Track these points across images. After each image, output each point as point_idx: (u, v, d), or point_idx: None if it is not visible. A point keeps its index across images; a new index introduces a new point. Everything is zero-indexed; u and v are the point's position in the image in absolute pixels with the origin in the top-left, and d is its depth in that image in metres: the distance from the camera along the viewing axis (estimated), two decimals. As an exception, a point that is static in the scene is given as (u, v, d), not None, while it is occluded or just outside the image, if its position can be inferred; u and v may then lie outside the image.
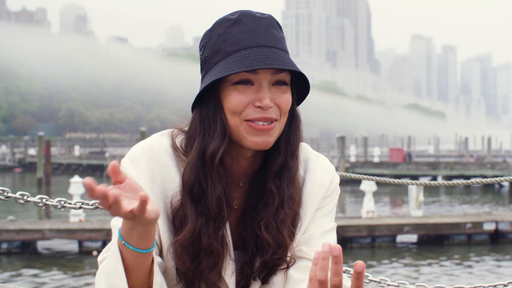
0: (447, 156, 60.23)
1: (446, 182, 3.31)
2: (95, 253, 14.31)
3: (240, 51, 1.41)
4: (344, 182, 35.84)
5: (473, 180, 3.34)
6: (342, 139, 39.01)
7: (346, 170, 37.19)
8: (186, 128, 1.53)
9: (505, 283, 2.87)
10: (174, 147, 1.50)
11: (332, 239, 1.54)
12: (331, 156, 42.49)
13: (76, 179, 16.13)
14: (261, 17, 1.46)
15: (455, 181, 3.58)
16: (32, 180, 38.95)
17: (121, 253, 1.31)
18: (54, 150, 59.93)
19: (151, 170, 1.46)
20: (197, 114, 1.47)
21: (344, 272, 2.67)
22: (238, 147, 1.47)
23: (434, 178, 37.87)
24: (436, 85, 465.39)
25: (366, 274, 2.74)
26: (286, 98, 1.45)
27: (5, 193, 2.43)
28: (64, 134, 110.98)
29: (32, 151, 56.64)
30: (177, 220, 1.46)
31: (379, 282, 2.73)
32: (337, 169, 36.29)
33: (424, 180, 14.49)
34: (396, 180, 3.29)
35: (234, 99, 1.42)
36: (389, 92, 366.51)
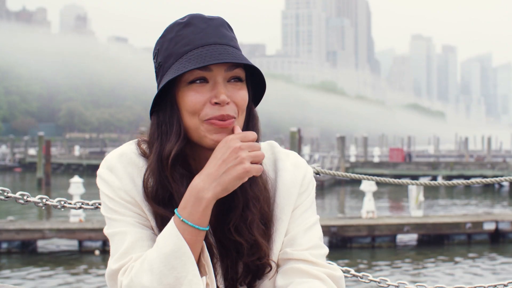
0: (447, 156, 60.25)
1: (446, 182, 3.31)
2: (97, 252, 14.32)
3: (192, 50, 1.42)
4: (344, 182, 35.84)
5: (473, 180, 3.34)
6: (342, 139, 39.00)
7: (346, 170, 37.19)
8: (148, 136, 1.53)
9: (505, 283, 2.87)
10: (143, 153, 1.50)
11: (317, 232, 1.53)
12: (331, 156, 42.47)
13: (76, 179, 16.12)
14: (211, 18, 1.48)
15: (455, 181, 3.57)
16: (32, 180, 38.97)
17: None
18: (54, 150, 59.94)
19: (131, 175, 1.46)
20: (155, 119, 1.48)
21: (344, 272, 2.67)
22: (200, 149, 1.47)
23: (434, 178, 37.88)
24: (436, 85, 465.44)
25: (366, 274, 2.74)
26: (242, 94, 1.45)
27: (5, 193, 2.43)
28: (64, 134, 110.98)
29: (32, 151, 56.67)
30: (158, 221, 1.46)
31: (379, 282, 2.73)
32: (337, 169, 36.44)
33: (424, 180, 14.48)
34: (396, 180, 3.29)
35: (191, 99, 1.42)
36: (389, 92, 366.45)
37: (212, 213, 1.48)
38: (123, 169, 1.46)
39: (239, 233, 1.45)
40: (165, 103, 1.46)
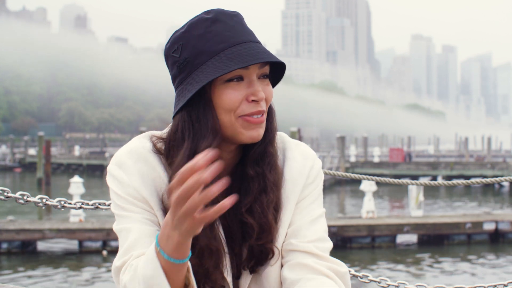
0: (447, 156, 60.27)
1: (446, 182, 3.31)
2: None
3: (229, 48, 1.43)
4: (344, 182, 35.84)
5: (473, 180, 3.34)
6: (342, 139, 39.01)
7: (346, 170, 37.19)
8: (163, 134, 1.52)
9: (505, 283, 2.87)
10: (156, 150, 1.50)
11: (322, 225, 1.54)
12: (332, 156, 42.47)
13: (76, 179, 16.12)
14: (234, 14, 1.49)
15: (455, 181, 3.57)
16: (32, 180, 38.96)
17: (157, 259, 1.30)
18: (54, 150, 59.94)
19: (141, 171, 1.46)
20: (186, 117, 1.46)
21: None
22: (222, 144, 1.47)
23: (434, 178, 37.87)
24: (436, 85, 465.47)
25: (366, 274, 2.74)
26: (270, 89, 1.50)
27: (5, 193, 2.43)
28: (64, 134, 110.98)
29: (32, 151, 56.66)
30: None
31: (379, 282, 2.73)
32: (337, 169, 36.44)
33: (424, 180, 14.50)
34: (396, 180, 3.29)
35: (230, 97, 1.43)
36: (389, 92, 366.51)
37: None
38: (133, 165, 1.47)
39: (252, 216, 1.46)
40: (198, 101, 1.45)
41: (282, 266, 1.52)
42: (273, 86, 1.57)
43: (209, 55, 1.43)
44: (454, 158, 53.27)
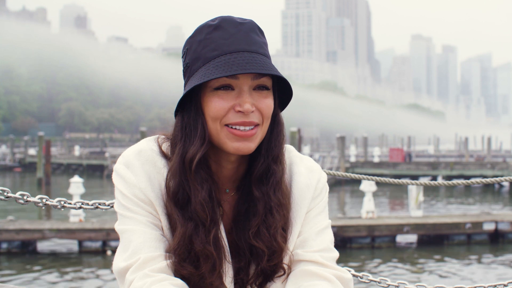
0: (447, 156, 60.25)
1: (446, 182, 3.30)
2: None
3: (220, 56, 1.42)
4: (344, 182, 35.83)
5: (473, 180, 3.33)
6: (342, 139, 39.00)
7: (346, 170, 37.18)
8: (170, 134, 1.54)
9: (505, 283, 2.87)
10: (162, 153, 1.51)
11: (328, 236, 1.54)
12: (332, 156, 42.46)
13: (76, 179, 16.12)
14: (241, 22, 1.47)
15: (455, 181, 3.57)
16: (32, 180, 38.96)
17: None
18: (54, 150, 59.94)
19: (148, 173, 1.47)
20: (179, 120, 1.48)
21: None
22: (222, 152, 1.48)
23: (434, 178, 37.86)
24: (436, 85, 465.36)
25: (366, 274, 2.74)
26: (267, 102, 1.45)
27: (5, 193, 2.43)
28: (64, 134, 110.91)
29: (32, 151, 56.65)
30: (172, 222, 1.47)
31: (379, 282, 2.73)
32: (337, 169, 36.40)
33: (424, 180, 14.48)
34: (396, 180, 3.29)
35: (215, 105, 1.42)
36: (389, 92, 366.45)
37: (228, 215, 1.51)
38: (141, 166, 1.47)
39: (260, 239, 1.46)
40: (190, 106, 1.46)
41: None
42: (285, 102, 1.55)
43: (203, 62, 1.44)
44: (454, 158, 53.26)
